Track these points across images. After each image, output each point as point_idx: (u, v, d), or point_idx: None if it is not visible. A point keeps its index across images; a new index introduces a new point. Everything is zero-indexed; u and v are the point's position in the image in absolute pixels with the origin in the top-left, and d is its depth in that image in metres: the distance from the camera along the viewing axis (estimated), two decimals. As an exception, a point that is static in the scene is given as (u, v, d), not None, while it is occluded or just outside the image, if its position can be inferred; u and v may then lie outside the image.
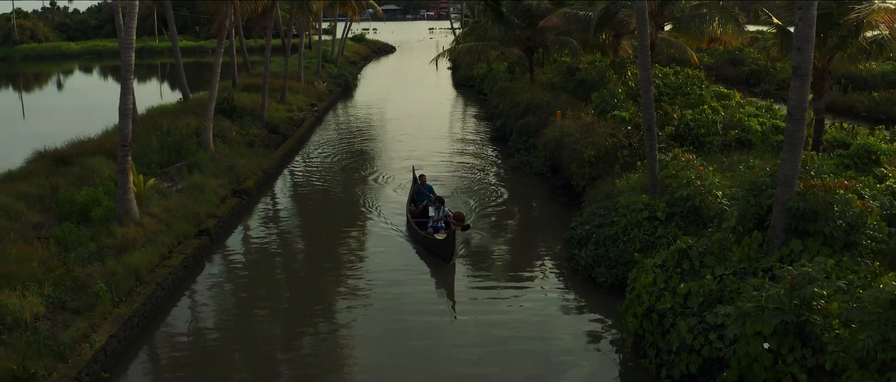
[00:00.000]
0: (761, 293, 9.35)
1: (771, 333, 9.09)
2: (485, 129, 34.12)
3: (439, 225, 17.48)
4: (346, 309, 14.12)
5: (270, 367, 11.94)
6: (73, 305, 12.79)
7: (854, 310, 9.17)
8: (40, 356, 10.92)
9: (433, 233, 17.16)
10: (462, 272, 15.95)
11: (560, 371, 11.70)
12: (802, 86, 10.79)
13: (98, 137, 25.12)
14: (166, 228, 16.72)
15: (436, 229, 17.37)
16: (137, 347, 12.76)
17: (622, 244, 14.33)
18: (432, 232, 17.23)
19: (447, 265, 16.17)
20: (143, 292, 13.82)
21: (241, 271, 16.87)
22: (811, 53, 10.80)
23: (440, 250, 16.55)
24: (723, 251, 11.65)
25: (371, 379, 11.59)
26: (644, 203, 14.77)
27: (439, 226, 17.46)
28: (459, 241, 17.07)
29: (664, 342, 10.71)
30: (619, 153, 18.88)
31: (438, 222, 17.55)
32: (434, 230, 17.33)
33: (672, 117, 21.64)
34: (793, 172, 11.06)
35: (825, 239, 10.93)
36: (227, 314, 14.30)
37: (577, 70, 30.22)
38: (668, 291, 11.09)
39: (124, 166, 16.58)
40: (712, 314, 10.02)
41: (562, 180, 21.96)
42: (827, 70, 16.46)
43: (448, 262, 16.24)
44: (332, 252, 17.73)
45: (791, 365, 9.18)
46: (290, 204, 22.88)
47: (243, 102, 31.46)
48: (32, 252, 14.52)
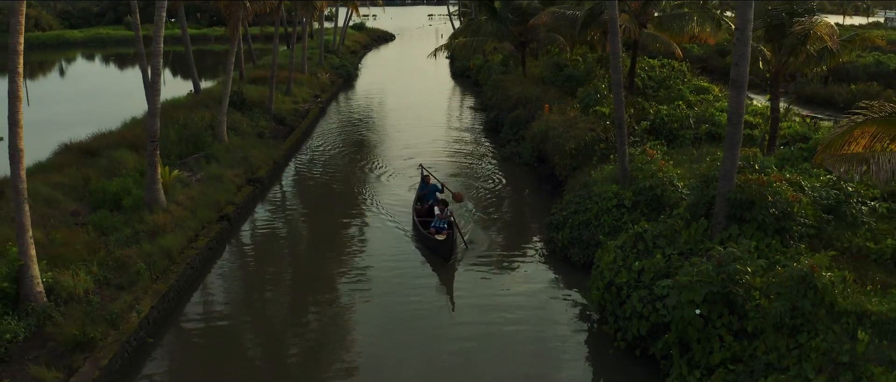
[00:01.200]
0: (694, 269, 11.38)
1: (701, 301, 11.13)
2: (479, 120, 36.07)
3: (442, 225, 18.28)
4: (349, 292, 15.96)
5: (281, 340, 13.91)
6: (117, 282, 14.82)
7: (772, 284, 11.21)
8: (96, 323, 12.93)
9: (435, 233, 18.01)
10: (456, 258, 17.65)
11: (537, 337, 13.76)
12: (739, 95, 12.77)
13: (119, 129, 27.06)
14: (191, 214, 18.72)
15: (438, 230, 18.17)
16: (173, 317, 14.81)
17: (593, 228, 16.38)
18: (434, 232, 18.09)
19: (446, 264, 17.18)
20: (175, 270, 15.85)
21: (256, 253, 18.92)
22: (746, 67, 12.76)
23: (440, 249, 17.40)
24: (673, 235, 13.68)
25: (371, 354, 13.32)
26: (614, 192, 16.79)
27: (442, 226, 18.27)
28: (460, 243, 18.04)
29: (621, 310, 12.77)
30: (597, 147, 20.89)
31: (442, 222, 18.34)
32: (437, 230, 18.15)
33: (648, 112, 23.59)
34: (731, 168, 13.06)
35: (759, 225, 12.96)
36: (245, 291, 16.34)
37: (565, 66, 32.09)
38: (625, 268, 13.14)
39: (153, 160, 18.54)
40: (658, 287, 12.06)
41: (547, 169, 23.98)
42: (781, 74, 18.39)
43: (447, 261, 17.19)
44: (336, 239, 19.60)
45: (719, 328, 11.24)
46: (298, 192, 24.87)
47: (251, 95, 33.31)
48: (75, 236, 16.51)
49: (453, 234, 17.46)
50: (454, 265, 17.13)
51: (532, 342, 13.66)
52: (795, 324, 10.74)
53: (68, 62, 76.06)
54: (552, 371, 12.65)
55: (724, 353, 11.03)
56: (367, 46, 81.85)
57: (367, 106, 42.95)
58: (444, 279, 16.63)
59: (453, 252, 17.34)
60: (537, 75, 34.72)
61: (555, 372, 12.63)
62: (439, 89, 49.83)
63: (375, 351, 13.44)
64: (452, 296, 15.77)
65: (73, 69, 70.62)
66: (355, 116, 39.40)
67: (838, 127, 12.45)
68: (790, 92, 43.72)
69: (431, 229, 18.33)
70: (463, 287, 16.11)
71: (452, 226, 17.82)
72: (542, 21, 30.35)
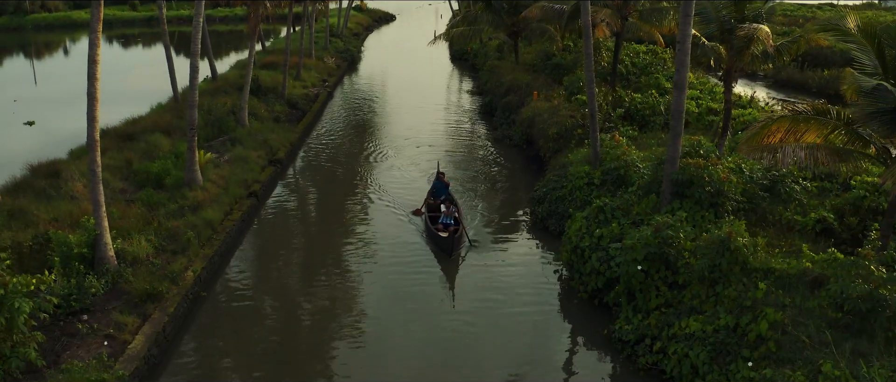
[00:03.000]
0: (637, 234, 14.44)
1: (643, 259, 14.18)
2: (475, 104, 38.99)
3: (448, 221, 19.64)
4: (356, 264, 18.68)
5: (295, 301, 16.87)
6: (171, 248, 17.86)
7: (698, 246, 14.27)
8: (160, 281, 16.00)
9: (441, 229, 19.30)
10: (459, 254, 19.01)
11: (518, 290, 16.87)
12: (680, 95, 15.74)
13: (149, 115, 30.04)
14: (224, 191, 21.74)
15: (445, 226, 19.51)
16: (218, 276, 17.92)
17: (567, 203, 19.44)
18: (441, 228, 19.40)
19: (448, 259, 18.39)
20: (217, 238, 18.92)
21: (279, 225, 21.99)
22: (686, 72, 15.73)
23: (442, 244, 18.67)
24: (628, 208, 16.73)
25: (375, 315, 15.91)
26: (585, 172, 19.80)
27: (448, 222, 19.63)
28: (464, 242, 19.23)
29: (584, 268, 15.88)
30: (575, 132, 23.87)
31: (448, 218, 19.72)
32: (444, 226, 19.49)
33: (624, 100, 26.51)
34: (675, 154, 16.07)
35: (696, 200, 15.98)
36: (271, 258, 19.42)
37: (554, 55, 34.94)
38: (588, 234, 16.20)
39: (192, 144, 21.50)
40: (611, 249, 15.14)
41: (534, 151, 27.00)
42: (732, 70, 21.24)
43: (449, 257, 18.45)
44: (344, 217, 22.33)
45: (656, 281, 14.32)
46: (311, 173, 27.86)
47: (265, 80, 36.15)
48: (129, 211, 19.53)
49: (457, 231, 18.75)
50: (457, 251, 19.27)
51: (514, 293, 16.76)
52: (714, 277, 13.81)
53: (73, 43, 78.46)
54: (530, 317, 15.75)
55: (659, 300, 14.14)
56: (369, 28, 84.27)
57: (370, 89, 45.80)
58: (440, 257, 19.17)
59: (455, 249, 18.51)
60: (529, 62, 37.57)
61: (532, 317, 15.73)
62: (439, 73, 52.63)
63: (379, 315, 15.94)
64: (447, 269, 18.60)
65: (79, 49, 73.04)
66: (360, 99, 42.26)
67: (758, 122, 15.43)
68: (768, 77, 46.59)
69: (439, 225, 19.63)
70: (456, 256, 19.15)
71: (458, 223, 19.26)
72: (532, 14, 33.14)
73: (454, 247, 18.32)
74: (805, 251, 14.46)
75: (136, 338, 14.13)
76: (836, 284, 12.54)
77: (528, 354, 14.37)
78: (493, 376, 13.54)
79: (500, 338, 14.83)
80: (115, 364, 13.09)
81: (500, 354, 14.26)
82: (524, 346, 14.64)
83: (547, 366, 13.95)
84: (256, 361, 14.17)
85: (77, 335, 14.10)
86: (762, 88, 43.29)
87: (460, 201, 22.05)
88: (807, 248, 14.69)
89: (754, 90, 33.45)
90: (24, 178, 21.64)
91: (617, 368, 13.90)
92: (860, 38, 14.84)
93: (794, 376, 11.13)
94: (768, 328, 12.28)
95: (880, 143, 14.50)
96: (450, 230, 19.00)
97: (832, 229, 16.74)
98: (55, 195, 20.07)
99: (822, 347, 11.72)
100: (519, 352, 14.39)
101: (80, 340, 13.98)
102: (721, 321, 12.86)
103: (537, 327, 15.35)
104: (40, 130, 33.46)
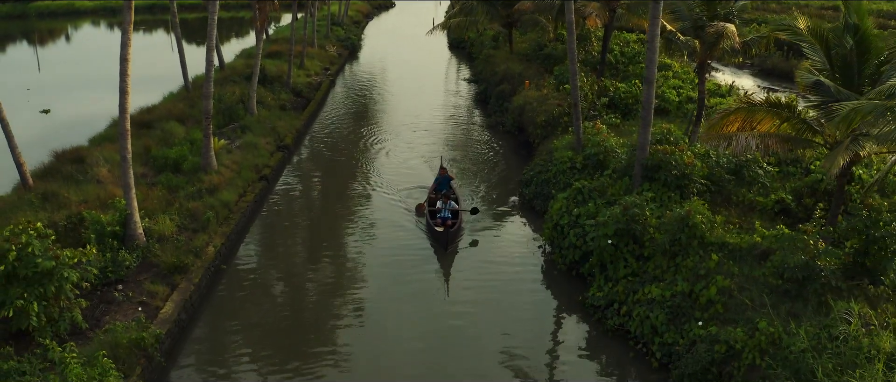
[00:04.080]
0: (608, 212, 16.34)
1: (613, 234, 16.08)
2: (471, 91, 40.79)
3: (446, 215, 20.46)
4: (356, 243, 20.54)
5: (302, 275, 18.77)
6: (192, 227, 19.75)
7: (662, 223, 16.16)
8: (185, 255, 17.90)
9: (439, 223, 20.05)
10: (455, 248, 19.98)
11: (505, 265, 18.78)
12: (649, 89, 17.58)
13: (162, 103, 31.82)
14: (237, 175, 23.60)
15: (443, 220, 20.27)
16: (235, 251, 19.84)
17: (551, 185, 21.31)
18: (439, 223, 20.15)
19: (444, 253, 19.21)
20: (233, 218, 20.82)
21: (287, 207, 23.87)
22: (655, 68, 17.55)
23: (438, 238, 19.48)
24: (604, 189, 18.61)
25: (375, 290, 17.75)
26: (568, 157, 21.66)
27: (446, 216, 20.44)
28: (461, 236, 20.21)
29: (563, 243, 17.80)
30: (561, 120, 25.69)
31: (447, 212, 20.54)
32: (442, 221, 20.26)
33: (609, 90, 28.31)
34: (645, 141, 17.93)
35: (664, 183, 17.85)
36: (280, 237, 21.32)
37: (545, 46, 36.68)
38: (568, 213, 18.10)
39: (208, 132, 23.32)
40: (586, 226, 17.04)
41: (524, 137, 28.84)
42: (705, 63, 23.01)
43: (445, 251, 19.24)
44: (346, 201, 24.15)
45: (625, 253, 16.23)
46: (316, 159, 29.69)
47: (270, 70, 37.90)
48: (152, 193, 21.39)
49: (453, 226, 19.65)
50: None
51: (503, 265, 18.69)
52: (675, 250, 15.71)
53: (76, 30, 79.83)
54: (516, 285, 17.69)
55: (627, 270, 16.07)
56: (369, 15, 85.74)
57: (371, 78, 47.53)
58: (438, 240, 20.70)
59: (451, 243, 19.39)
60: (523, 52, 39.31)
61: (518, 286, 17.68)
62: (437, 61, 54.33)
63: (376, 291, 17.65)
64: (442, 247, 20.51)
65: (80, 35, 74.53)
66: (361, 87, 44.02)
67: (718, 113, 17.27)
68: (755, 65, 48.32)
69: (437, 220, 20.49)
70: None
71: (456, 216, 20.23)
72: (525, 6, 34.88)
73: (449, 242, 19.22)
74: (757, 228, 16.37)
75: (167, 305, 16.06)
76: (778, 255, 14.46)
77: (514, 316, 16.33)
78: (483, 337, 15.46)
79: (490, 304, 16.78)
80: (151, 326, 15.02)
81: (489, 319, 16.18)
82: (511, 310, 16.59)
83: (530, 327, 15.89)
84: (268, 330, 16.12)
85: (114, 302, 16.02)
86: (749, 77, 45.05)
87: (459, 188, 23.55)
88: (759, 225, 16.61)
89: (734, 80, 35.16)
90: (51, 164, 23.42)
91: (589, 329, 15.84)
92: (810, 38, 16.67)
93: (735, 332, 13.04)
94: (717, 293, 14.20)
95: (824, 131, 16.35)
96: (446, 224, 19.93)
97: (790, 209, 18.62)
98: (82, 180, 21.84)
99: (762, 309, 13.64)
100: (506, 315, 16.34)
101: (116, 306, 15.89)
102: (678, 288, 14.78)
103: (522, 294, 17.30)
104: (54, 117, 35.21)
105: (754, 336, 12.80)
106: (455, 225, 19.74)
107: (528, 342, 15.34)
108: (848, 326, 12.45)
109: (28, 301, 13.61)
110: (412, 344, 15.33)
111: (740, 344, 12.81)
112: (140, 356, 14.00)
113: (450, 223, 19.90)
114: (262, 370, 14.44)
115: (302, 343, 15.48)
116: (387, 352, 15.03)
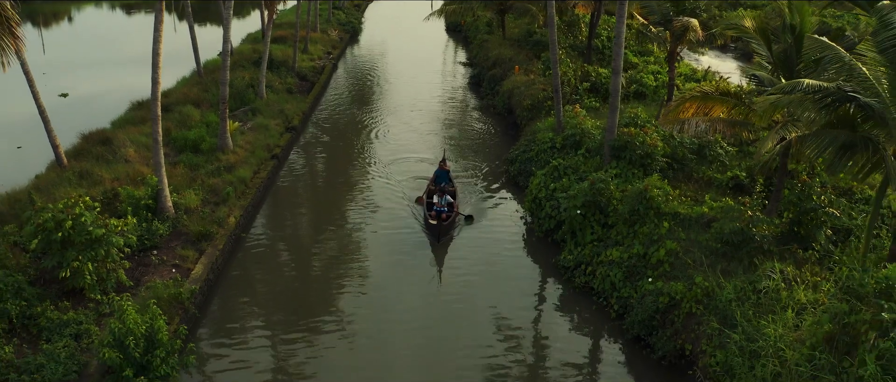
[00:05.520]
0: (577, 186, 18.88)
1: (581, 205, 18.63)
2: (466, 75, 43.19)
3: (442, 209, 21.52)
4: (357, 217, 22.95)
5: (308, 248, 21.26)
6: (213, 200, 22.29)
7: (624, 195, 18.70)
8: (210, 224, 20.45)
9: (435, 216, 21.11)
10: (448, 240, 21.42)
11: (491, 232, 21.37)
12: (616, 79, 20.05)
13: (178, 88, 34.17)
14: (251, 154, 26.09)
15: (438, 212, 21.31)
16: (251, 222, 22.42)
17: (533, 163, 23.81)
18: (434, 216, 21.21)
19: (437, 243, 20.45)
20: (249, 193, 23.36)
21: (296, 183, 26.42)
22: (621, 61, 20.01)
23: (431, 230, 20.68)
24: (577, 166, 21.13)
25: (377, 263, 20.11)
26: (549, 138, 24.15)
27: (442, 209, 21.49)
28: (456, 226, 21.57)
29: (541, 214, 20.38)
30: (546, 103, 28.12)
31: (442, 206, 21.63)
32: (437, 213, 21.29)
33: (591, 75, 30.70)
34: (613, 124, 20.44)
35: (629, 161, 20.36)
36: (289, 210, 23.92)
37: (534, 33, 39.01)
38: (545, 188, 20.65)
39: (224, 115, 25.78)
40: (560, 198, 19.59)
41: (513, 118, 31.30)
42: (674, 52, 25.43)
43: (438, 242, 20.41)
44: (349, 177, 26.61)
45: (592, 222, 18.80)
46: (321, 138, 32.16)
47: (276, 54, 40.19)
48: (175, 171, 23.89)
49: (447, 219, 20.82)
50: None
51: (489, 233, 21.31)
52: (634, 219, 18.26)
53: (79, 11, 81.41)
54: (500, 249, 20.34)
55: (593, 236, 18.65)
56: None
57: (371, 61, 49.83)
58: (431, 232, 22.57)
59: (444, 236, 20.57)
60: (515, 37, 41.63)
61: (501, 249, 20.32)
62: (435, 45, 56.51)
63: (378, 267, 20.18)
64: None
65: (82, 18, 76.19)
66: (363, 70, 46.33)
67: (675, 100, 19.73)
68: (738, 49, 50.63)
69: (432, 212, 21.55)
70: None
71: (451, 209, 21.44)
72: (516, -4, 37.19)
73: (442, 234, 20.43)
74: (706, 200, 18.91)
75: (197, 267, 18.64)
76: (719, 223, 17.02)
77: (498, 275, 18.99)
78: (474, 296, 18.03)
79: (478, 267, 19.38)
80: (185, 283, 17.61)
81: (479, 281, 18.78)
82: (495, 271, 19.23)
83: (509, 283, 18.52)
84: (281, 291, 18.72)
85: (151, 265, 18.61)
86: (732, 60, 47.42)
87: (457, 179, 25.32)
88: (709, 198, 19.15)
89: (709, 66, 37.48)
90: (80, 145, 25.81)
91: (561, 287, 18.46)
92: (755, 35, 19.08)
93: (677, 286, 15.63)
94: (665, 254, 16.79)
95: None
96: (441, 218, 21.08)
97: (743, 184, 21.12)
98: (112, 159, 24.30)
99: (701, 268, 16.21)
100: (491, 274, 19.00)
101: (153, 268, 18.48)
102: (634, 250, 17.36)
103: (504, 257, 19.95)
104: (70, 98, 37.33)
105: (692, 289, 15.39)
106: (449, 219, 21.06)
107: (510, 298, 17.93)
108: (770, 281, 15.01)
109: (83, 263, 16.17)
110: (411, 301, 17.93)
111: (680, 296, 15.41)
112: (178, 308, 16.61)
113: (444, 217, 21.22)
114: (276, 322, 17.06)
115: (309, 303, 18.08)
116: (387, 303, 17.65)
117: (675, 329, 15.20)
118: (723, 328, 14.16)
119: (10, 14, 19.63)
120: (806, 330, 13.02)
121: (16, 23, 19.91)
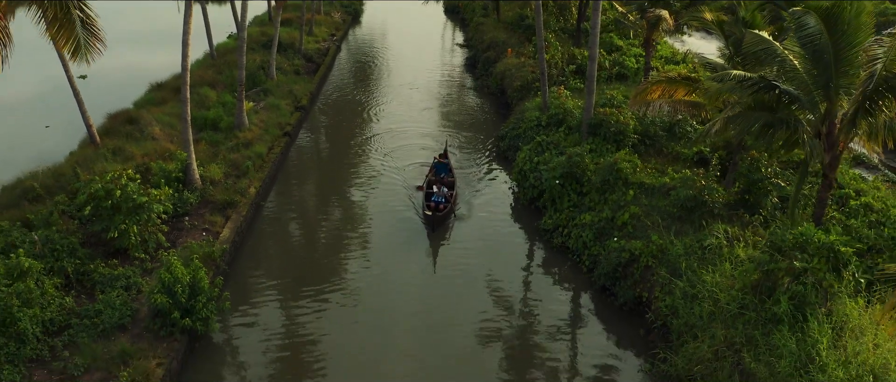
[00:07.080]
0: (556, 160, 21.57)
1: (559, 176, 21.35)
2: (463, 56, 45.69)
3: (440, 199, 22.61)
4: (363, 194, 25.46)
5: (316, 219, 23.99)
6: (235, 173, 24.97)
7: (597, 167, 21.41)
8: (234, 194, 23.16)
9: (433, 207, 22.14)
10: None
11: (483, 200, 24.12)
12: (592, 65, 22.68)
13: (193, 69, 36.49)
14: (265, 132, 28.74)
15: (436, 203, 22.32)
16: (268, 193, 25.16)
17: (521, 140, 26.49)
18: (433, 206, 22.18)
19: (432, 232, 21.73)
20: (266, 166, 26.04)
21: (305, 159, 29.14)
22: (597, 49, 22.60)
23: (426, 221, 21.87)
24: (558, 142, 23.83)
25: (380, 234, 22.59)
26: (535, 117, 26.79)
27: (440, 200, 22.58)
28: (451, 217, 22.78)
29: (525, 183, 23.12)
30: (534, 85, 30.72)
31: (440, 197, 22.70)
32: (435, 204, 22.30)
33: (577, 58, 33.23)
34: (590, 104, 23.11)
35: (604, 137, 23.03)
36: (300, 184, 26.60)
37: (526, 17, 41.44)
38: (529, 161, 23.36)
39: (241, 96, 28.35)
40: (542, 170, 22.31)
41: (505, 98, 33.92)
42: (650, 39, 27.93)
43: (433, 232, 21.59)
44: (353, 152, 29.27)
45: (569, 191, 21.53)
46: (328, 116, 34.79)
47: (283, 37, 42.57)
48: (198, 147, 26.43)
49: (443, 209, 22.01)
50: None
51: (480, 201, 24.11)
52: (605, 188, 20.99)
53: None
54: (489, 214, 23.11)
55: (569, 203, 21.40)
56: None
57: (373, 42, 52.25)
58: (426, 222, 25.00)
59: (438, 227, 21.81)
60: (509, 20, 44.05)
61: (490, 215, 23.11)
62: (434, 26, 58.86)
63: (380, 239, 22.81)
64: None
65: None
66: (365, 51, 48.78)
67: (642, 84, 22.35)
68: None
69: (430, 203, 22.50)
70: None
71: (448, 201, 22.56)
72: (509, -18, 39.55)
73: (436, 224, 21.63)
74: (669, 172, 21.62)
75: (224, 230, 21.39)
76: (675, 191, 19.75)
77: (486, 237, 21.76)
78: (468, 259, 20.74)
79: (469, 230, 22.14)
80: (216, 243, 20.38)
81: (473, 245, 21.51)
82: (484, 233, 22.00)
83: (495, 244, 21.31)
84: (296, 253, 21.50)
85: (184, 229, 21.35)
86: (717, 40, 49.72)
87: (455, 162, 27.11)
88: (671, 169, 21.85)
89: (691, 47, 39.91)
90: (108, 124, 28.31)
91: (541, 247, 21.25)
92: (715, 28, 21.66)
93: (636, 244, 18.40)
94: (629, 217, 19.54)
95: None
96: (438, 208, 22.20)
97: (707, 158, 23.76)
98: (140, 137, 26.85)
99: (658, 228, 18.96)
100: (480, 236, 21.78)
101: (186, 232, 21.22)
102: (603, 215, 20.11)
103: (492, 222, 22.74)
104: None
105: (649, 246, 18.15)
106: (445, 210, 22.21)
107: (501, 258, 20.67)
108: (714, 239, 17.75)
109: (129, 226, 18.90)
110: (409, 268, 20.69)
111: (639, 252, 18.18)
112: (211, 264, 19.38)
113: (441, 207, 22.40)
114: (291, 277, 19.84)
115: (318, 268, 20.82)
116: (388, 268, 20.45)
117: (634, 280, 17.99)
118: (671, 278, 16.93)
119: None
120: (737, 277, 15.81)
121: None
